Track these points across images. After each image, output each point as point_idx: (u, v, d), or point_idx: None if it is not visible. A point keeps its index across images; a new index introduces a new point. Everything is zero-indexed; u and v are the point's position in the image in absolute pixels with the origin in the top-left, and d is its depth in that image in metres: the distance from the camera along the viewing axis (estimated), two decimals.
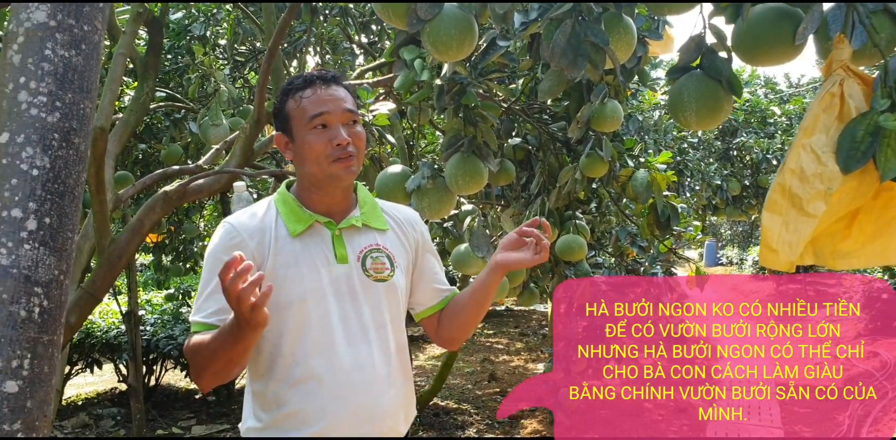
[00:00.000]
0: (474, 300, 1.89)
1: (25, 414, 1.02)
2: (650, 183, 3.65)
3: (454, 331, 1.93)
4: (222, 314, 1.62)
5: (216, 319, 1.63)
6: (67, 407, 7.18)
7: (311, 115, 1.69)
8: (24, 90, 1.13)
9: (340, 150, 1.68)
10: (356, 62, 6.32)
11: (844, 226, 1.60)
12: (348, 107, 1.72)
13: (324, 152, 1.68)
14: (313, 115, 1.68)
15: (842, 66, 1.53)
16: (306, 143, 1.70)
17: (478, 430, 6.46)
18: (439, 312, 1.95)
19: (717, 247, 22.86)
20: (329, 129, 1.69)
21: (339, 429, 1.67)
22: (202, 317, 1.65)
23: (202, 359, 1.57)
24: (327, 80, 1.73)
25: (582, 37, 1.88)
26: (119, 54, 3.46)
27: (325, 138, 1.68)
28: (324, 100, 1.69)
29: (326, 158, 1.69)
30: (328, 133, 1.68)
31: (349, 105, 1.72)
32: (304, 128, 1.70)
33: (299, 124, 1.71)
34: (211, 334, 1.57)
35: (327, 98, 1.70)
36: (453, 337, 1.95)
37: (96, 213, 3.00)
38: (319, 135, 1.68)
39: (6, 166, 1.09)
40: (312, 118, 1.68)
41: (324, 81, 1.72)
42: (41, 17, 1.17)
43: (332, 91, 1.71)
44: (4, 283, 1.04)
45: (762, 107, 8.32)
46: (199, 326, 1.65)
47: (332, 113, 1.69)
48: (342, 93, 1.73)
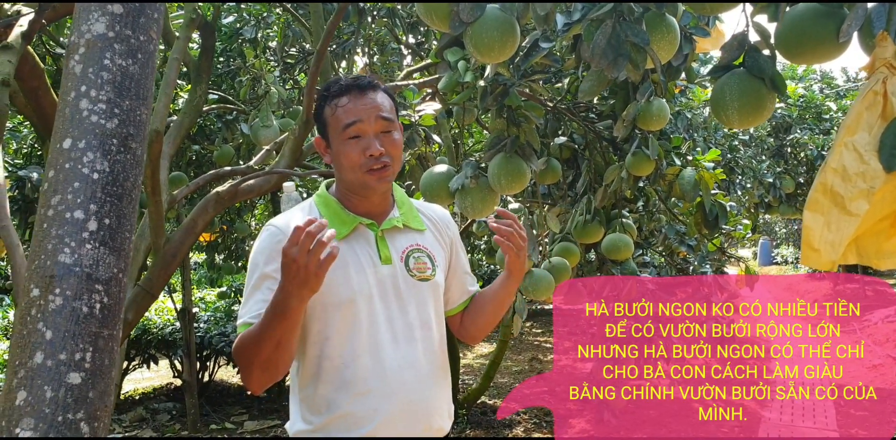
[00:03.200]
0: (495, 301, 1.93)
1: (88, 404, 1.08)
2: (697, 181, 3.62)
3: (475, 330, 1.97)
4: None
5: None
6: (125, 401, 7.39)
7: (344, 124, 1.69)
8: (84, 98, 1.19)
9: (374, 160, 1.69)
10: (403, 63, 6.37)
11: (889, 226, 1.58)
12: (383, 115, 1.71)
13: (358, 162, 1.69)
14: (347, 124, 1.69)
15: (885, 64, 1.51)
16: (341, 152, 1.71)
17: (525, 429, 6.46)
18: (464, 310, 1.98)
19: (771, 246, 22.41)
20: (363, 139, 1.69)
21: (390, 429, 1.68)
22: (248, 318, 1.65)
23: (249, 350, 1.58)
24: (363, 87, 1.72)
25: (622, 37, 1.89)
26: (173, 59, 3.57)
27: (359, 149, 1.69)
28: (358, 109, 1.69)
29: (360, 168, 1.70)
30: (362, 143, 1.69)
31: (385, 113, 1.72)
32: (338, 136, 1.71)
33: (334, 132, 1.72)
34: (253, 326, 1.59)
35: (361, 107, 1.70)
36: (474, 334, 1.99)
37: (152, 213, 3.10)
38: (353, 145, 1.69)
39: (69, 170, 1.15)
40: (346, 127, 1.69)
41: (360, 89, 1.72)
42: (100, 28, 1.23)
43: (367, 99, 1.71)
44: (68, 281, 1.10)
45: (817, 102, 8.12)
46: (244, 327, 1.65)
47: (365, 122, 1.69)
48: (378, 100, 1.73)
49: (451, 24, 2.17)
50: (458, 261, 1.96)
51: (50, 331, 1.07)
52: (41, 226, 1.14)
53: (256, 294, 1.67)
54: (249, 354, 1.59)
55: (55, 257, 1.11)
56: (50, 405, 1.04)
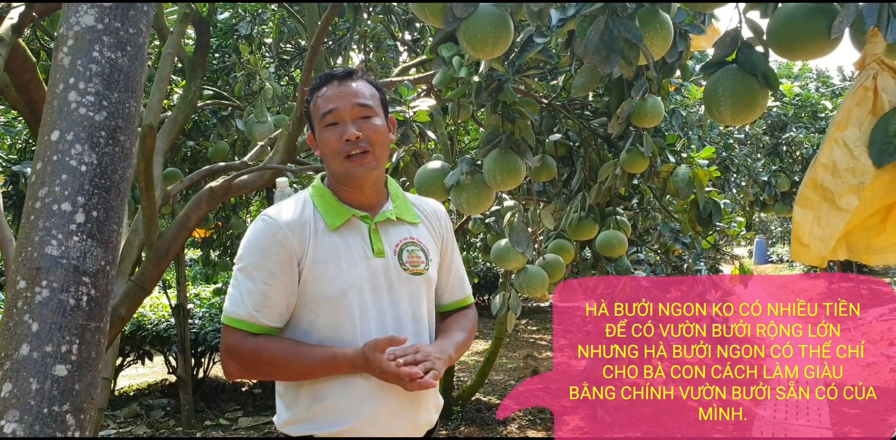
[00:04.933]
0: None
1: (74, 396, 1.08)
2: (691, 178, 3.63)
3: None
4: (263, 309, 1.65)
5: (260, 316, 1.65)
6: (120, 397, 7.38)
7: (322, 112, 1.73)
8: (73, 90, 1.19)
9: (351, 145, 1.70)
10: (400, 59, 6.35)
11: (879, 221, 1.59)
12: (360, 101, 1.73)
13: (336, 148, 1.71)
14: (324, 112, 1.72)
15: (875, 60, 1.52)
16: (322, 141, 1.74)
17: (520, 426, 6.47)
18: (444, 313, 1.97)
19: (767, 244, 22.46)
20: (339, 126, 1.72)
21: (375, 422, 1.68)
22: (243, 311, 1.66)
23: (268, 366, 1.65)
24: (341, 76, 1.76)
25: (615, 33, 1.88)
26: (167, 54, 3.55)
27: (336, 135, 1.71)
28: (335, 97, 1.72)
29: (339, 154, 1.71)
30: (338, 129, 1.71)
31: (362, 99, 1.73)
32: (318, 125, 1.74)
33: (316, 122, 1.76)
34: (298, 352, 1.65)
35: (338, 95, 1.72)
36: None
37: (145, 208, 3.09)
38: (331, 132, 1.72)
39: (57, 162, 1.15)
40: (324, 115, 1.72)
41: (338, 79, 1.75)
42: (89, 20, 1.22)
43: (344, 87, 1.74)
44: (55, 273, 1.10)
45: (813, 100, 8.13)
46: (242, 324, 1.65)
47: (340, 109, 1.71)
48: (355, 87, 1.75)
49: (445, 20, 2.17)
50: (450, 259, 1.95)
51: (36, 323, 1.07)
52: (28, 219, 1.14)
53: (253, 287, 1.67)
54: (264, 368, 1.67)
55: (42, 249, 1.11)
56: (36, 397, 1.04)
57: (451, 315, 1.96)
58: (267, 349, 1.64)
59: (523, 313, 12.69)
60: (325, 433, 1.68)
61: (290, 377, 1.67)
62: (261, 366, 1.65)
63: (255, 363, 1.65)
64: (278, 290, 1.67)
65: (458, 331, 1.87)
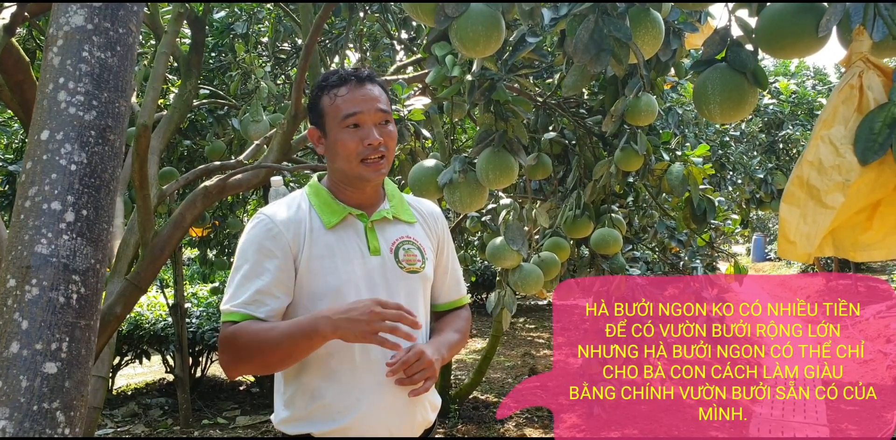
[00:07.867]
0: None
1: (64, 393, 1.09)
2: (686, 176, 3.64)
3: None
4: (257, 304, 1.66)
5: (253, 309, 1.66)
6: (118, 396, 7.39)
7: (344, 113, 1.72)
8: (63, 90, 1.19)
9: (371, 149, 1.72)
10: (396, 58, 6.35)
11: (865, 218, 1.60)
12: (381, 107, 1.74)
13: (355, 151, 1.72)
14: (346, 114, 1.72)
15: (861, 58, 1.53)
16: (339, 141, 1.73)
17: (517, 424, 6.48)
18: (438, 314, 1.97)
19: (764, 242, 22.43)
20: (361, 129, 1.72)
21: (372, 420, 1.69)
22: (238, 305, 1.67)
23: (254, 351, 1.62)
24: (362, 78, 1.76)
25: (605, 32, 1.89)
26: (162, 53, 3.55)
27: (357, 137, 1.71)
28: (358, 99, 1.72)
29: (357, 157, 1.72)
30: (360, 132, 1.72)
31: (382, 104, 1.75)
32: (337, 126, 1.73)
33: (333, 122, 1.74)
34: (267, 328, 1.61)
35: (361, 98, 1.73)
36: None
37: (140, 207, 3.10)
38: (352, 134, 1.72)
39: (46, 162, 1.16)
40: (346, 117, 1.72)
41: (358, 80, 1.75)
42: (79, 20, 1.23)
43: (366, 90, 1.74)
44: (45, 271, 1.11)
45: (809, 98, 8.14)
46: (235, 316, 1.67)
47: (365, 113, 1.72)
48: (376, 92, 1.76)
49: (437, 19, 2.18)
50: (447, 259, 1.96)
51: (26, 321, 1.08)
52: (18, 217, 1.14)
53: (248, 283, 1.68)
54: (252, 354, 1.63)
55: (32, 248, 1.11)
56: (25, 394, 1.04)
57: (446, 315, 1.97)
58: (245, 331, 1.64)
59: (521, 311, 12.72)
60: (323, 431, 1.70)
61: (270, 358, 1.63)
62: (240, 350, 1.64)
63: (238, 348, 1.64)
64: (274, 287, 1.68)
65: (453, 331, 1.88)
